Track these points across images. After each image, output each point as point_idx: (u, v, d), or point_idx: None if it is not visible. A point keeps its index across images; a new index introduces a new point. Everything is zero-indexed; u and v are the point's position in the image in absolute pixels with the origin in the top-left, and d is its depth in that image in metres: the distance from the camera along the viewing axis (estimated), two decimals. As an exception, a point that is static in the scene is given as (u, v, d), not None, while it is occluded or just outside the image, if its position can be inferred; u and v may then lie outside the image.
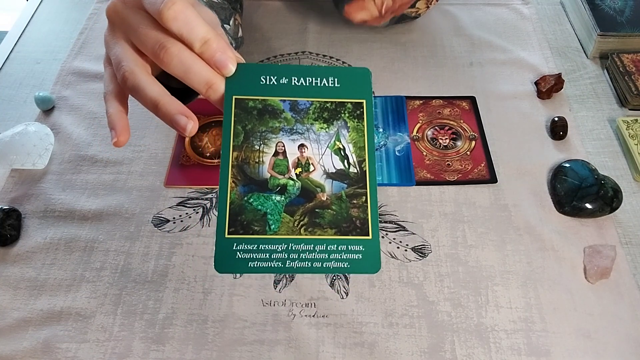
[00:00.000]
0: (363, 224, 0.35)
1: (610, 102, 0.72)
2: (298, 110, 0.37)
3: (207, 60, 0.34)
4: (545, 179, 0.63)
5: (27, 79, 0.77)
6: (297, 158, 0.36)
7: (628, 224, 0.60)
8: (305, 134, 0.36)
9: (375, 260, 0.35)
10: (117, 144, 0.36)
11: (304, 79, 0.37)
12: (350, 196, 0.35)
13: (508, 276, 0.56)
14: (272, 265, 0.33)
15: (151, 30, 0.34)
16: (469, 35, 0.81)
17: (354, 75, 0.38)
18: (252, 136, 0.36)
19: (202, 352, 0.51)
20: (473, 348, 0.51)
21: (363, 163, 0.36)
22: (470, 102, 0.72)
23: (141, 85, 0.34)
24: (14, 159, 0.64)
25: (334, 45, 0.80)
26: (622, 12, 0.77)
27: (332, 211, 0.35)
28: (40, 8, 0.88)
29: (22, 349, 0.51)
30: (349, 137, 0.36)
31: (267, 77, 0.37)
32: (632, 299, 0.54)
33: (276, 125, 0.36)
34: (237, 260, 0.33)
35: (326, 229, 0.34)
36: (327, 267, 0.34)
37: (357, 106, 0.37)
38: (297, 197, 0.35)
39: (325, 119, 0.37)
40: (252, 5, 0.86)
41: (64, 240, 0.59)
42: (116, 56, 0.36)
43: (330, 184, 0.36)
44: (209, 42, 0.34)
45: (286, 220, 0.35)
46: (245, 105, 0.36)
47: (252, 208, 0.34)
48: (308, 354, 0.51)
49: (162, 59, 0.34)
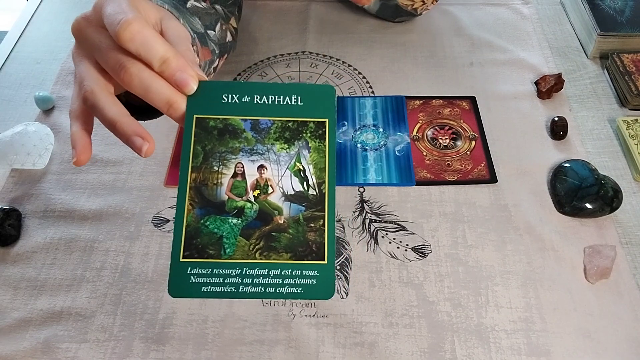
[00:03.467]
0: (319, 248, 0.34)
1: (611, 102, 0.72)
2: (259, 130, 0.36)
3: (167, 78, 0.34)
4: (545, 179, 0.63)
5: (27, 79, 0.77)
6: (256, 179, 0.35)
7: (628, 224, 0.60)
8: (266, 154, 0.36)
9: (329, 286, 0.34)
10: (76, 164, 0.36)
11: (267, 97, 0.36)
12: (308, 219, 0.35)
13: (508, 276, 0.56)
14: (225, 290, 0.33)
15: (112, 50, 0.34)
16: (469, 35, 0.81)
17: (317, 93, 0.37)
18: (211, 157, 0.35)
19: (202, 352, 0.51)
20: (473, 348, 0.51)
21: (323, 185, 0.35)
22: (470, 102, 0.72)
23: (100, 105, 0.34)
24: (14, 159, 0.64)
25: (334, 45, 0.80)
26: (622, 12, 0.77)
27: (289, 235, 0.34)
28: (40, 8, 0.88)
29: (22, 349, 0.51)
30: (309, 158, 0.36)
31: (229, 96, 0.36)
32: (632, 299, 0.54)
33: (236, 146, 0.36)
34: (190, 285, 0.33)
35: (282, 253, 0.34)
36: (280, 292, 0.33)
37: (320, 125, 0.36)
38: (254, 220, 0.35)
39: (286, 138, 0.36)
40: (252, 5, 0.86)
41: (64, 240, 0.59)
42: (79, 74, 0.36)
43: (288, 207, 0.35)
44: (168, 60, 0.34)
45: (242, 244, 0.34)
46: (206, 125, 0.35)
47: (208, 231, 0.34)
48: (308, 354, 0.51)
49: (123, 78, 0.34)
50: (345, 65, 0.77)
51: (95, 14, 0.36)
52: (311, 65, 0.77)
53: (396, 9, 0.78)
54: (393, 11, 0.79)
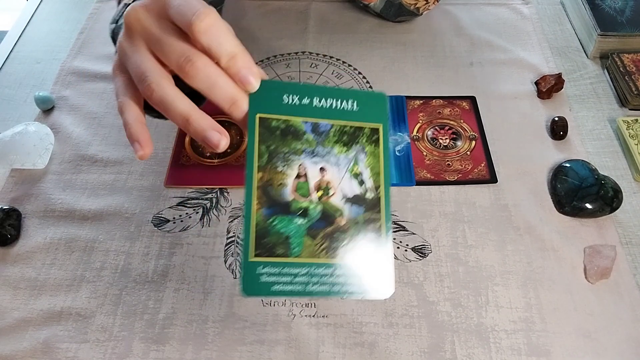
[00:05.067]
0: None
1: (611, 102, 0.72)
2: (319, 132, 0.36)
3: (232, 75, 0.33)
4: (545, 179, 0.63)
5: (27, 78, 0.77)
6: (319, 181, 0.36)
7: (628, 224, 0.60)
8: (326, 156, 0.36)
9: (388, 284, 0.35)
10: (142, 157, 0.35)
11: (325, 99, 0.36)
12: (367, 222, 0.35)
13: (508, 276, 0.56)
14: (293, 290, 0.34)
15: (176, 41, 0.33)
16: (469, 35, 0.81)
17: (371, 99, 0.37)
18: (275, 157, 0.35)
19: (202, 352, 0.51)
20: (473, 348, 0.51)
21: (379, 189, 0.36)
22: (471, 102, 0.72)
23: (169, 99, 0.33)
24: (14, 159, 0.64)
25: (334, 45, 0.80)
26: (623, 12, 0.77)
27: (350, 236, 0.35)
28: (40, 8, 0.88)
29: (22, 349, 0.51)
30: (366, 162, 0.36)
31: (289, 96, 0.36)
32: (632, 299, 0.54)
33: (298, 147, 0.36)
34: (261, 284, 0.33)
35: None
36: (345, 291, 0.34)
37: (374, 131, 0.37)
38: (317, 220, 0.35)
39: (344, 142, 0.36)
40: (252, 5, 0.86)
41: (64, 240, 0.59)
42: (137, 66, 0.34)
43: (349, 209, 0.35)
44: (236, 57, 0.33)
45: (307, 243, 0.34)
46: (269, 125, 0.35)
47: (276, 231, 0.34)
48: (308, 354, 0.51)
49: (188, 72, 0.32)
50: (345, 65, 0.77)
51: (157, 4, 0.35)
52: (311, 66, 0.77)
53: (399, 7, 0.78)
54: (396, 10, 0.79)
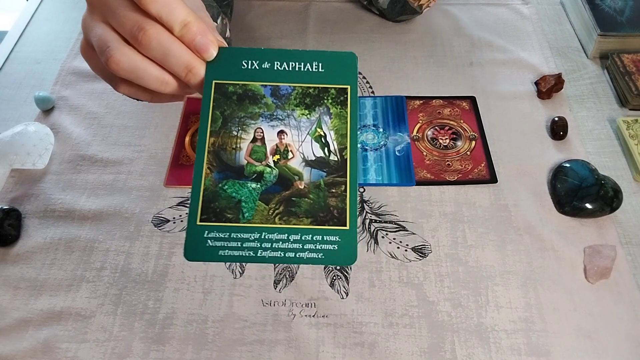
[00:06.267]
0: (341, 214, 0.34)
1: (611, 102, 0.72)
2: (279, 96, 0.36)
3: (187, 43, 0.33)
4: (545, 179, 0.63)
5: (27, 79, 0.77)
6: (276, 145, 0.35)
7: (628, 224, 0.60)
8: (286, 120, 0.35)
9: (352, 252, 0.33)
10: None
11: (287, 63, 0.36)
12: (329, 185, 0.34)
13: (508, 276, 0.56)
14: (243, 254, 0.33)
15: (130, 12, 0.33)
16: (469, 35, 0.81)
17: (339, 60, 0.36)
18: (230, 122, 0.35)
19: (202, 352, 0.51)
20: (473, 348, 0.51)
21: (344, 151, 0.35)
22: (471, 102, 0.72)
23: (137, 64, 0.33)
24: (14, 159, 0.64)
25: (334, 45, 0.80)
26: (623, 12, 0.77)
27: (309, 200, 0.34)
28: (40, 8, 0.88)
29: (22, 349, 0.51)
30: (330, 124, 0.35)
31: (249, 62, 0.36)
32: (632, 299, 0.54)
33: (256, 111, 0.35)
34: (207, 248, 0.32)
35: (302, 218, 0.33)
36: (301, 257, 0.33)
37: (341, 92, 0.36)
38: (273, 185, 0.34)
39: (307, 104, 0.36)
40: (252, 5, 0.86)
41: (64, 240, 0.59)
42: (98, 38, 0.34)
43: (309, 172, 0.35)
44: (189, 24, 0.33)
45: (261, 208, 0.34)
46: (225, 90, 0.35)
47: (227, 195, 0.34)
48: (308, 354, 0.51)
49: (141, 40, 0.32)
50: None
51: None
52: (311, 65, 0.77)
53: (404, 5, 0.78)
54: (401, 7, 0.79)
